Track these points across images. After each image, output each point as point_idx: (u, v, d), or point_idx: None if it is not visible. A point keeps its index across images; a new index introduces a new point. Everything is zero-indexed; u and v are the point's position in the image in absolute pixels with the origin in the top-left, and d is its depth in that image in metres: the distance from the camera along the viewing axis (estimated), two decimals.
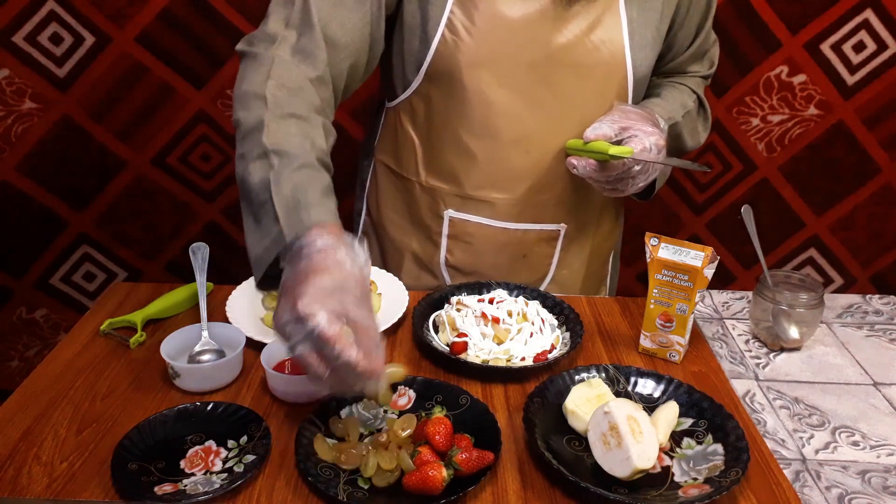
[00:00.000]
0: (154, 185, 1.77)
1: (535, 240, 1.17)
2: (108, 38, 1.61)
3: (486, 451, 0.78)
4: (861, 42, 1.66)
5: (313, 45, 0.95)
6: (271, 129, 0.87)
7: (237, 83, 0.95)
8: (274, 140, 0.86)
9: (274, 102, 0.89)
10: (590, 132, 1.02)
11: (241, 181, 0.87)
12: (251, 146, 0.87)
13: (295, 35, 0.96)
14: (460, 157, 1.12)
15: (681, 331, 0.98)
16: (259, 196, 0.83)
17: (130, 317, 1.05)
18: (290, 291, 0.73)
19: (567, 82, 1.06)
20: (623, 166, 1.01)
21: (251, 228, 0.85)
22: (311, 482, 0.75)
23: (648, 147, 1.00)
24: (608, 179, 1.04)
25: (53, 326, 1.91)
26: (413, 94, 1.11)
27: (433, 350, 0.99)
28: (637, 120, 1.03)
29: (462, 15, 1.02)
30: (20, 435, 0.84)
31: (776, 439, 0.89)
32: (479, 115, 1.08)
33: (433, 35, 1.04)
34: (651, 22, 1.08)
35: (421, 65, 1.07)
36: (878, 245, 1.88)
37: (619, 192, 1.06)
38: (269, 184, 0.82)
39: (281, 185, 0.82)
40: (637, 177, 1.04)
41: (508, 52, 1.04)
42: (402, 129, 1.16)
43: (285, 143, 0.86)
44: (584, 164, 1.03)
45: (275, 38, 0.95)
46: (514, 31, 1.03)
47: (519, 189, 1.13)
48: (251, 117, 0.89)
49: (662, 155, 1.03)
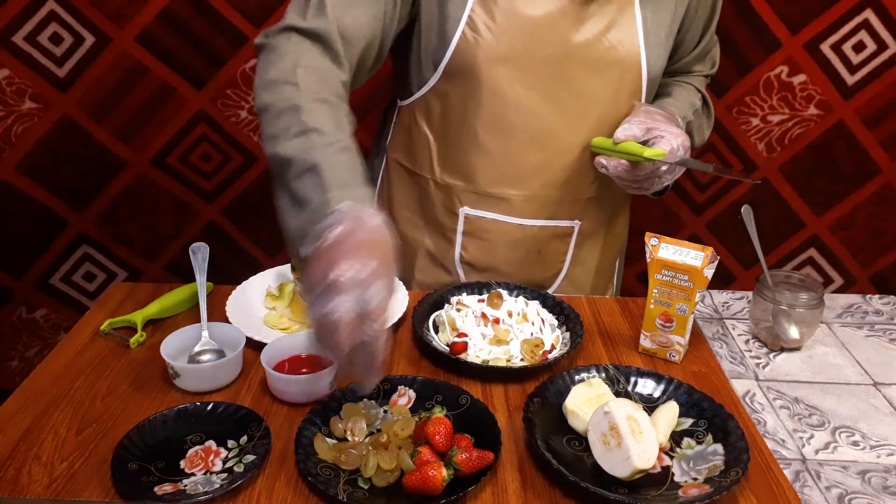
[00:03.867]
0: (154, 185, 1.77)
1: (550, 236, 1.18)
2: (108, 38, 1.61)
3: (486, 451, 0.78)
4: (861, 42, 1.66)
5: (330, 39, 0.98)
6: (307, 109, 0.89)
7: (260, 72, 0.97)
8: (313, 119, 0.88)
9: (306, 87, 0.92)
10: (620, 133, 1.04)
11: (275, 157, 0.87)
12: (287, 124, 0.88)
13: (312, 29, 0.98)
14: (476, 154, 1.13)
15: (681, 331, 0.98)
16: (299, 168, 0.84)
17: (130, 317, 1.05)
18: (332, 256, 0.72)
19: (583, 80, 1.08)
20: (652, 166, 1.03)
21: (288, 203, 0.85)
22: (311, 482, 0.75)
23: (676, 148, 1.03)
24: (636, 178, 1.06)
25: (53, 326, 1.91)
26: (429, 91, 1.13)
27: (433, 350, 0.99)
28: (662, 121, 1.06)
29: (483, 13, 1.04)
30: (20, 435, 0.84)
31: (776, 439, 0.89)
32: (496, 111, 1.09)
33: (453, 33, 1.06)
34: (664, 22, 1.10)
35: (439, 62, 1.09)
36: (878, 245, 1.88)
37: (644, 189, 1.09)
38: (315, 157, 0.83)
39: (328, 159, 0.83)
40: (664, 176, 1.06)
41: (527, 50, 1.05)
42: (417, 127, 1.17)
43: (323, 124, 0.88)
44: (614, 164, 1.05)
45: (293, 32, 0.98)
46: (532, 28, 1.04)
47: (534, 185, 1.14)
48: (283, 100, 0.90)
49: (688, 155, 1.06)
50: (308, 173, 0.83)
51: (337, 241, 0.74)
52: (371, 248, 0.74)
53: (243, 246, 1.87)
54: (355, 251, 0.72)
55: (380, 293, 0.71)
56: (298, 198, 0.83)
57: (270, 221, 1.87)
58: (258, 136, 1.74)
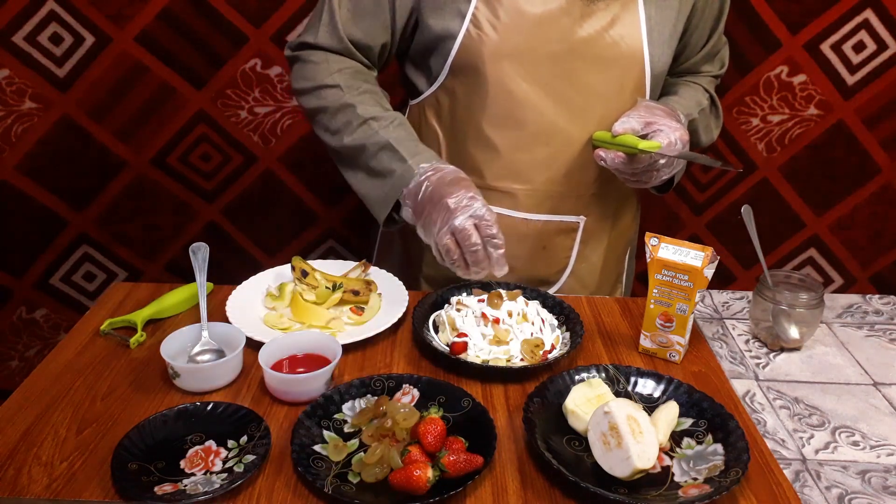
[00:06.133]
0: (154, 185, 1.77)
1: (555, 231, 1.19)
2: (108, 38, 1.61)
3: (475, 456, 0.77)
4: (861, 42, 1.65)
5: (347, 53, 1.13)
6: (358, 102, 1.09)
7: (299, 80, 1.15)
8: (367, 111, 1.09)
9: (347, 86, 1.11)
10: (618, 126, 1.07)
11: (344, 147, 1.10)
12: (347, 119, 1.10)
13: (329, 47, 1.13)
14: (482, 149, 1.15)
15: (681, 331, 0.98)
16: (372, 150, 1.07)
17: (130, 317, 1.05)
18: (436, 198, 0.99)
19: (587, 76, 1.09)
20: (650, 159, 1.05)
21: (365, 180, 1.10)
22: (301, 472, 0.76)
23: (674, 142, 1.05)
24: (634, 171, 1.08)
25: (53, 326, 1.91)
26: (438, 88, 1.15)
27: (433, 350, 0.99)
28: (662, 116, 1.07)
29: (487, 10, 1.06)
30: (20, 435, 0.84)
31: (776, 439, 0.89)
32: (502, 107, 1.11)
33: (458, 30, 1.08)
34: (668, 20, 1.11)
35: (445, 60, 1.11)
36: (878, 245, 1.88)
37: (643, 183, 1.11)
38: (384, 137, 1.06)
39: (394, 136, 1.07)
40: (661, 170, 1.08)
41: (531, 46, 1.07)
42: (427, 124, 1.20)
43: (375, 111, 1.09)
44: (612, 157, 1.07)
45: (316, 44, 1.13)
46: (536, 25, 1.06)
47: (539, 180, 1.15)
48: (333, 101, 1.11)
49: (686, 149, 1.07)
50: (382, 151, 1.06)
51: (434, 189, 1.00)
52: (458, 184, 1.00)
53: (243, 246, 1.87)
54: (450, 188, 0.99)
55: (482, 207, 0.97)
56: (380, 171, 1.06)
57: (270, 221, 1.88)
58: (258, 136, 1.74)
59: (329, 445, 0.82)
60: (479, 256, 0.97)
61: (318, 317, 1.05)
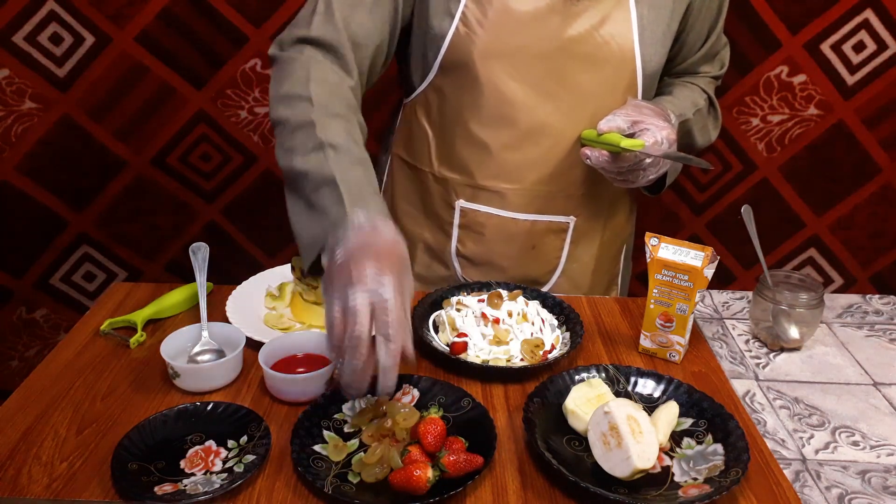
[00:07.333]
0: (154, 185, 1.77)
1: (545, 231, 1.19)
2: (108, 38, 1.61)
3: (475, 455, 0.77)
4: (861, 42, 1.65)
5: (340, 47, 1.03)
6: (322, 125, 0.93)
7: (275, 84, 1.02)
8: (327, 135, 0.92)
9: (318, 102, 0.96)
10: (603, 124, 1.05)
11: (291, 170, 0.92)
12: (303, 139, 0.93)
13: (321, 38, 1.02)
14: (472, 148, 1.14)
15: (681, 331, 0.98)
16: (316, 182, 0.89)
17: (130, 317, 1.05)
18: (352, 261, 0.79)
19: (577, 75, 1.09)
20: (634, 158, 1.04)
21: (302, 213, 0.90)
22: (301, 472, 0.76)
23: (660, 141, 1.03)
24: (619, 170, 1.06)
25: (53, 326, 1.91)
26: (428, 87, 1.15)
27: (433, 350, 0.99)
28: (649, 114, 1.06)
29: (475, 8, 1.06)
30: (20, 435, 0.84)
31: (776, 439, 0.89)
32: (491, 106, 1.10)
33: (447, 29, 1.07)
34: (661, 19, 1.10)
35: (435, 58, 1.11)
36: (878, 245, 1.88)
37: (630, 182, 1.09)
38: (332, 171, 0.88)
39: (344, 173, 0.88)
40: (648, 169, 1.06)
41: (520, 45, 1.06)
42: (417, 122, 1.19)
43: (337, 139, 0.93)
44: (597, 155, 1.05)
45: (304, 42, 1.03)
46: (524, 24, 1.05)
47: (529, 179, 1.14)
48: (298, 115, 0.95)
49: (673, 149, 1.06)
50: (325, 186, 0.87)
51: (356, 249, 0.80)
52: (385, 255, 0.80)
53: (243, 246, 1.87)
54: (372, 257, 0.79)
55: (389, 291, 0.77)
56: (316, 208, 0.88)
57: (270, 221, 1.88)
58: (258, 136, 1.74)
59: (329, 445, 0.82)
60: (359, 349, 0.76)
61: (318, 317, 1.05)
